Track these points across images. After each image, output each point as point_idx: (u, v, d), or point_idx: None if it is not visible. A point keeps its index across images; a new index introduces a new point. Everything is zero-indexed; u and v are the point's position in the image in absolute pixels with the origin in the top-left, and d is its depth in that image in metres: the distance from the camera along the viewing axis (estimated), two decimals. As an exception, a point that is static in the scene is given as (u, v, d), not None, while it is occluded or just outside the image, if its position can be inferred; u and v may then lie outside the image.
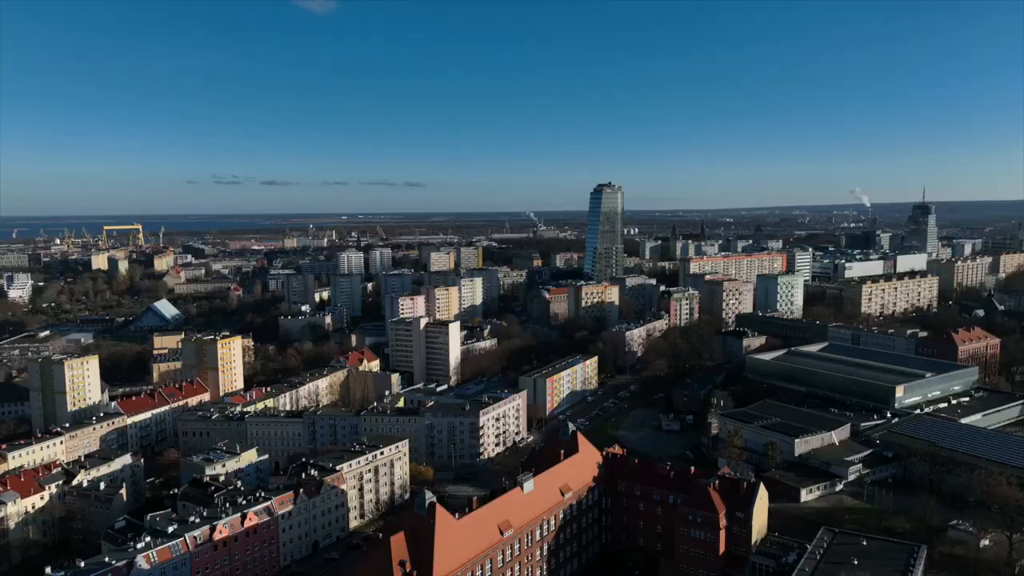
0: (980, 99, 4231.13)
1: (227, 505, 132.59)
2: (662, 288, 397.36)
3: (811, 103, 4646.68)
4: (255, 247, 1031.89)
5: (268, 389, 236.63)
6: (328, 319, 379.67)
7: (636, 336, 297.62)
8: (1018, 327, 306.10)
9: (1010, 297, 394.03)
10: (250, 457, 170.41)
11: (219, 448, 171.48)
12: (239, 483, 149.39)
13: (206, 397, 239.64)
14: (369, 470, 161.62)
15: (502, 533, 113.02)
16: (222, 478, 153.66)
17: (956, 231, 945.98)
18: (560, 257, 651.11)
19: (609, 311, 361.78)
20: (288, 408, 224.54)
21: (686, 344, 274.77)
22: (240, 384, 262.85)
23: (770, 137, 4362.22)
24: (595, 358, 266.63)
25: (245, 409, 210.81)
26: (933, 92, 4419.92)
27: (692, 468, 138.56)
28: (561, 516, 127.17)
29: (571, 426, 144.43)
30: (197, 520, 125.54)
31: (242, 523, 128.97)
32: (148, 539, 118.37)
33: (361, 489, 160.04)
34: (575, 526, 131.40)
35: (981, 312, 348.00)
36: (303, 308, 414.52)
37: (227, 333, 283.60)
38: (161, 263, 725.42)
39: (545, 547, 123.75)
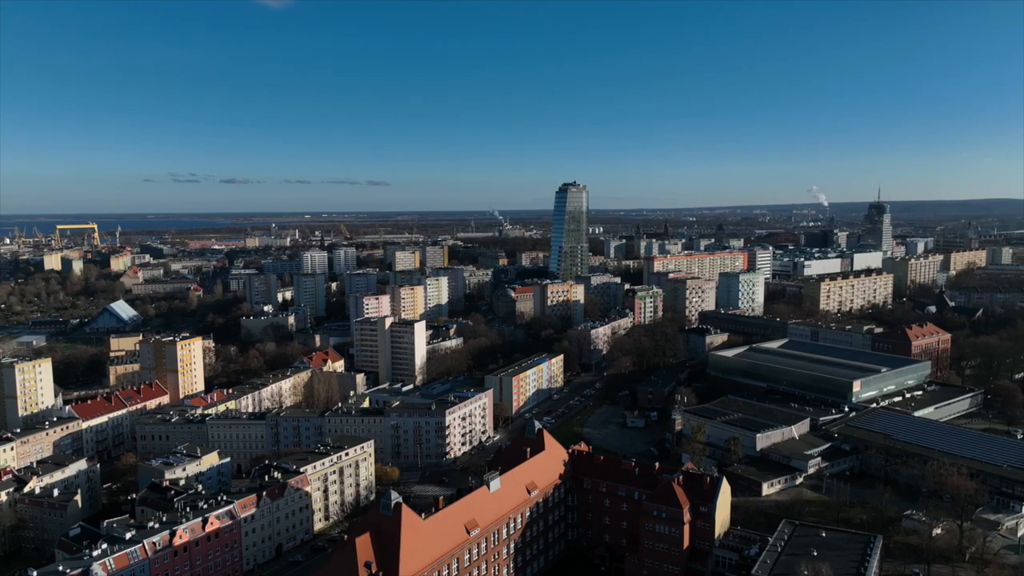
0: (932, 102, 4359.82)
1: (188, 509, 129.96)
2: (627, 286, 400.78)
3: (770, 104, 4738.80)
4: (215, 246, 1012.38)
5: (230, 391, 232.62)
6: (291, 319, 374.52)
7: (601, 334, 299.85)
8: (967, 323, 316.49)
9: (960, 294, 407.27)
10: (211, 460, 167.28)
11: (179, 451, 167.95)
12: (200, 487, 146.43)
13: (165, 400, 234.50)
14: (334, 471, 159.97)
15: (468, 532, 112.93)
16: (182, 482, 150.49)
17: (910, 230, 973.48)
18: (526, 256, 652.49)
19: (575, 310, 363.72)
20: (251, 410, 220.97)
21: (650, 342, 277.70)
22: (201, 386, 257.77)
23: (731, 137, 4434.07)
24: (561, 356, 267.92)
25: (206, 411, 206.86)
26: (888, 94, 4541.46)
27: (656, 464, 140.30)
28: (527, 514, 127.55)
29: (537, 424, 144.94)
30: (156, 525, 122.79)
31: (203, 527, 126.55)
32: (105, 546, 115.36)
33: (326, 491, 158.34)
34: (541, 523, 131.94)
35: (933, 308, 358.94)
36: (266, 308, 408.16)
37: (187, 334, 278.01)
38: (118, 263, 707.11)
39: (512, 545, 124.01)
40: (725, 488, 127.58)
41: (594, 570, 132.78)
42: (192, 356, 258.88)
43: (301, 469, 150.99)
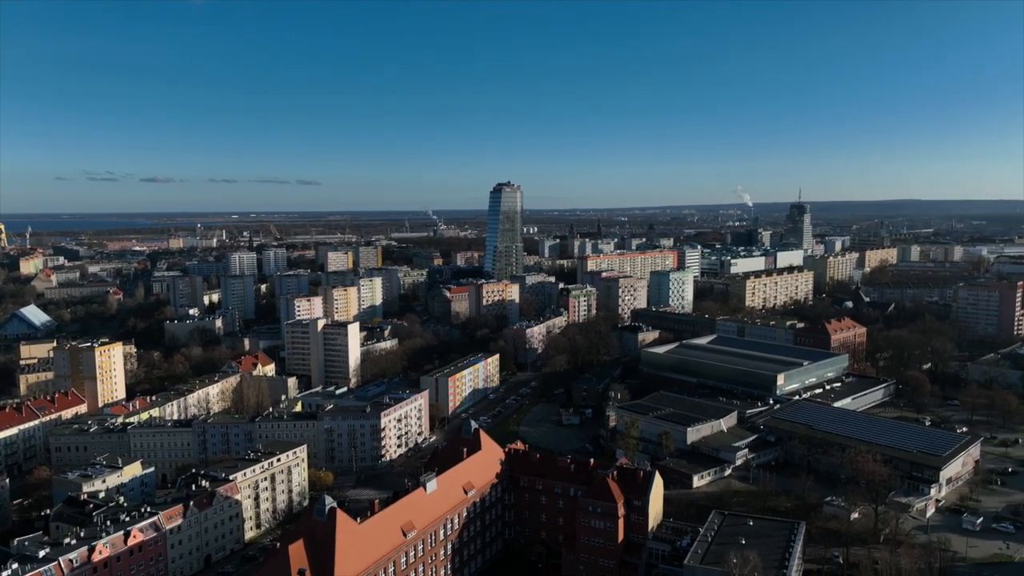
0: (846, 106, 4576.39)
1: (108, 523, 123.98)
2: (561, 286, 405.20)
3: (696, 107, 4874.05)
4: (137, 248, 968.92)
5: (153, 398, 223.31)
6: (219, 322, 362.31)
7: (536, 333, 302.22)
8: (881, 317, 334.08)
9: (874, 290, 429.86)
10: (134, 471, 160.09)
11: (98, 463, 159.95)
12: (122, 499, 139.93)
13: (83, 409, 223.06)
14: (265, 478, 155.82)
15: (405, 535, 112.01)
16: (102, 495, 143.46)
17: (828, 229, 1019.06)
18: (461, 256, 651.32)
19: (510, 309, 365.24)
20: (176, 417, 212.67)
21: (585, 340, 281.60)
22: (122, 394, 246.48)
23: (660, 139, 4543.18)
24: (496, 356, 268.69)
25: (128, 420, 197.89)
26: (806, 98, 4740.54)
27: (591, 460, 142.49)
28: (465, 514, 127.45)
29: (473, 424, 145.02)
30: (73, 541, 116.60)
31: (125, 541, 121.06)
32: (15, 566, 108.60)
33: (257, 498, 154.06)
34: (479, 523, 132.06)
35: (850, 304, 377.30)
36: (191, 311, 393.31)
37: (106, 340, 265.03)
38: (28, 265, 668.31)
39: (449, 546, 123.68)
40: (658, 482, 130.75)
41: (531, 567, 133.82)
42: (112, 362, 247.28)
43: (230, 477, 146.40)
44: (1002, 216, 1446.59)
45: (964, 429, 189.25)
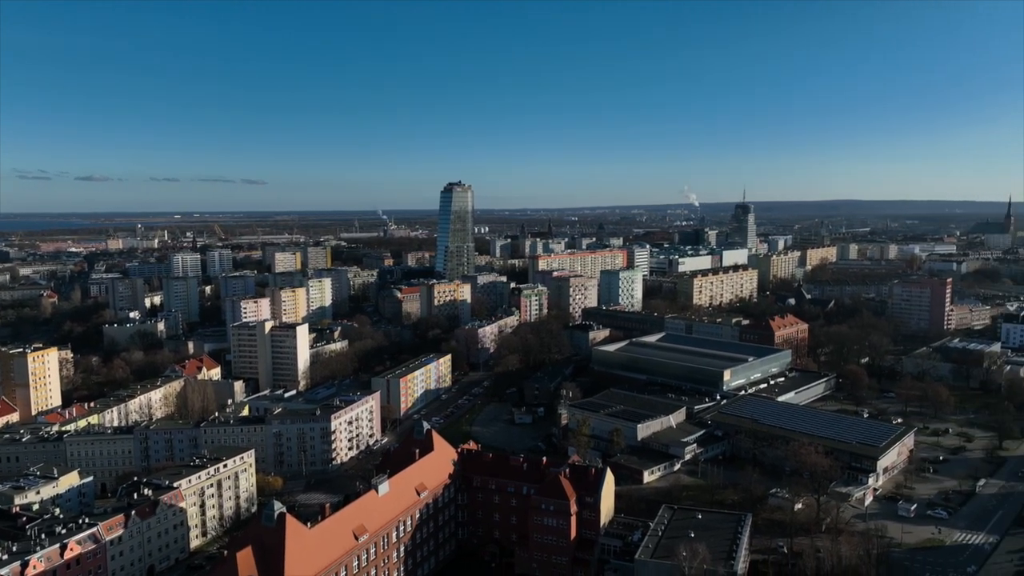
0: (788, 108, 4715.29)
1: (43, 536, 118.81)
2: (513, 285, 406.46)
3: (644, 106, 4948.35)
4: (72, 249, 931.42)
5: (92, 405, 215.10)
6: (161, 325, 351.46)
7: (488, 333, 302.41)
8: (821, 313, 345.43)
9: (815, 287, 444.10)
10: (71, 481, 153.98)
11: (32, 474, 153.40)
12: (58, 511, 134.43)
13: (15, 417, 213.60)
14: (211, 485, 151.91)
15: (357, 538, 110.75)
16: (36, 507, 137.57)
17: (771, 228, 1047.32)
18: (412, 256, 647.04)
19: (462, 309, 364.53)
20: (116, 424, 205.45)
21: (536, 339, 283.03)
22: (57, 401, 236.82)
23: (610, 139, 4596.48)
24: (448, 356, 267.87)
25: (64, 428, 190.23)
26: (749, 99, 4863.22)
27: (544, 459, 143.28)
28: (417, 516, 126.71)
29: (426, 425, 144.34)
30: (5, 557, 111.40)
31: (61, 555, 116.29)
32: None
33: (203, 505, 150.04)
34: (432, 524, 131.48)
35: (792, 301, 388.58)
36: (131, 315, 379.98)
37: (39, 344, 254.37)
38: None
39: (402, 548, 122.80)
40: (609, 478, 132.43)
41: (485, 567, 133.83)
42: (46, 368, 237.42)
43: (175, 484, 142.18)
44: (934, 216, 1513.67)
45: (899, 420, 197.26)
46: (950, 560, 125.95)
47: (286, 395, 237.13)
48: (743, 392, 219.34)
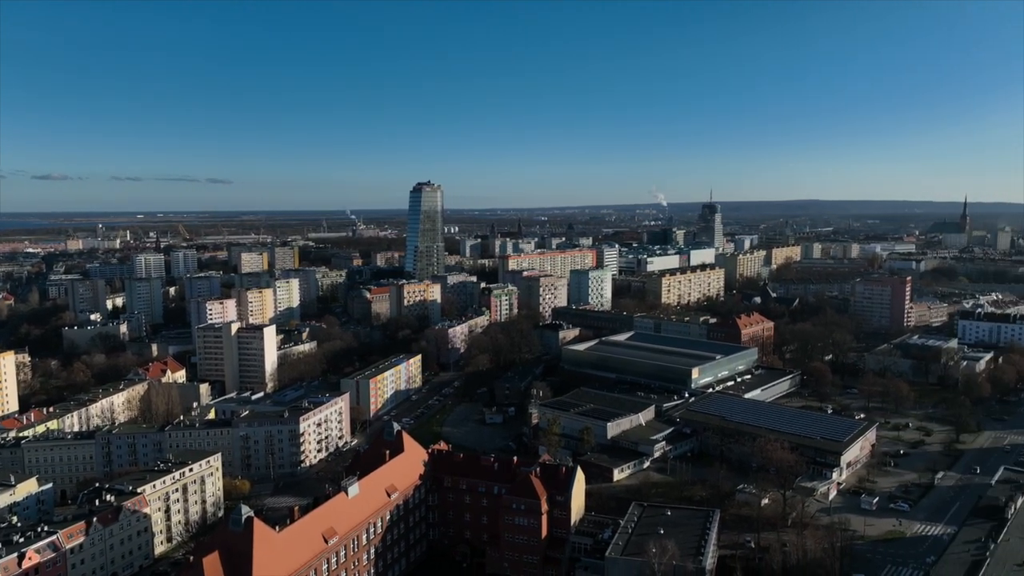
0: (754, 110, 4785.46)
1: (0, 546, 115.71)
2: (483, 285, 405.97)
3: (612, 105, 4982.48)
4: (30, 249, 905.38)
5: (51, 409, 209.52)
6: (124, 328, 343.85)
7: (459, 333, 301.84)
8: (787, 311, 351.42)
9: (780, 286, 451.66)
10: (29, 488, 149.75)
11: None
12: (15, 519, 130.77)
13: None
14: (176, 489, 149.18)
15: (327, 541, 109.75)
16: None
17: (738, 228, 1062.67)
18: (381, 256, 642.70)
19: (431, 309, 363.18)
20: (77, 429, 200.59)
21: (507, 339, 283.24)
22: (15, 406, 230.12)
23: (579, 139, 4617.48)
24: (419, 357, 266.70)
25: (21, 434, 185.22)
26: (715, 101, 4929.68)
27: (515, 458, 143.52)
28: (388, 517, 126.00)
29: (396, 426, 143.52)
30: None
31: (19, 564, 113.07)
32: None
33: (168, 511, 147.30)
34: (402, 526, 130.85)
35: (758, 299, 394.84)
36: (93, 317, 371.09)
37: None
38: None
39: (372, 550, 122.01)
40: (580, 477, 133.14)
41: (456, 567, 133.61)
42: (2, 373, 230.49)
43: (138, 490, 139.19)
44: (894, 216, 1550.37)
45: (862, 415, 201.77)
46: (910, 551, 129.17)
47: (253, 397, 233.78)
48: (711, 390, 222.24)
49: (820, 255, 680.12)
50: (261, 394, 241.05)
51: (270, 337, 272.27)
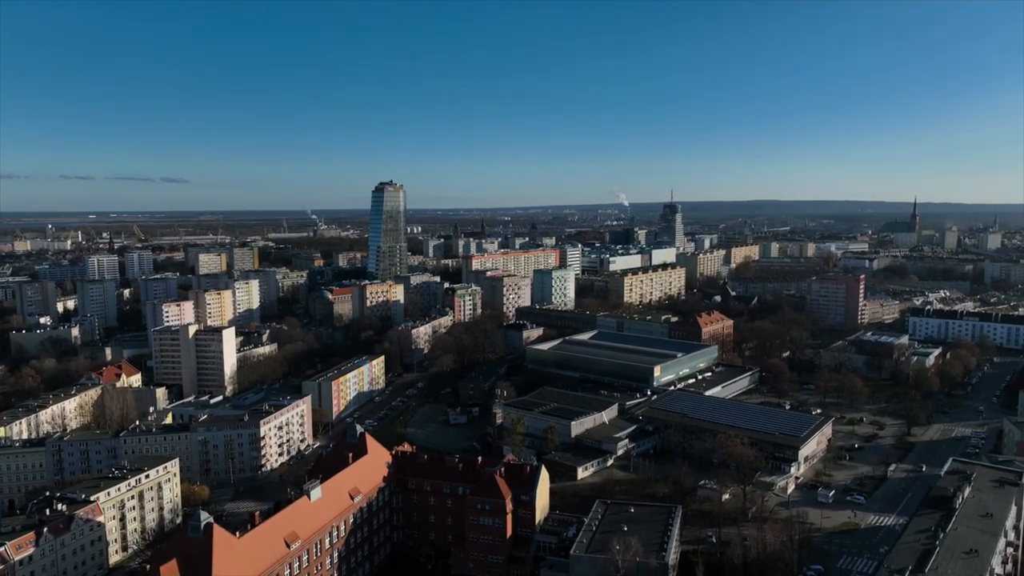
0: (715, 111, 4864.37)
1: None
2: (446, 285, 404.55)
3: (573, 109, 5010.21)
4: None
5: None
6: (75, 331, 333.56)
7: (422, 333, 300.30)
8: (745, 309, 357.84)
9: (739, 284, 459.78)
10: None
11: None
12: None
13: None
14: (132, 496, 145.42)
15: (289, 546, 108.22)
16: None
17: (698, 228, 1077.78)
18: (343, 256, 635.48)
19: (394, 310, 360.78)
20: (26, 436, 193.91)
21: (470, 339, 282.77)
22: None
23: (541, 140, 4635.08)
24: (382, 358, 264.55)
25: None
26: (675, 103, 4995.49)
27: (479, 458, 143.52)
28: (351, 520, 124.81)
29: (359, 428, 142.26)
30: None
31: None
32: None
33: (123, 519, 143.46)
34: (366, 528, 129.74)
35: (718, 298, 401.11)
36: (42, 320, 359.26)
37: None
38: None
39: (336, 554, 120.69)
40: (544, 476, 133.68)
41: (421, 569, 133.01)
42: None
43: (92, 498, 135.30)
44: (848, 215, 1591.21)
45: (818, 411, 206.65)
46: (865, 542, 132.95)
47: (212, 401, 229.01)
48: (673, 387, 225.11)
49: (778, 254, 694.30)
50: (220, 398, 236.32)
51: (229, 339, 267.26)
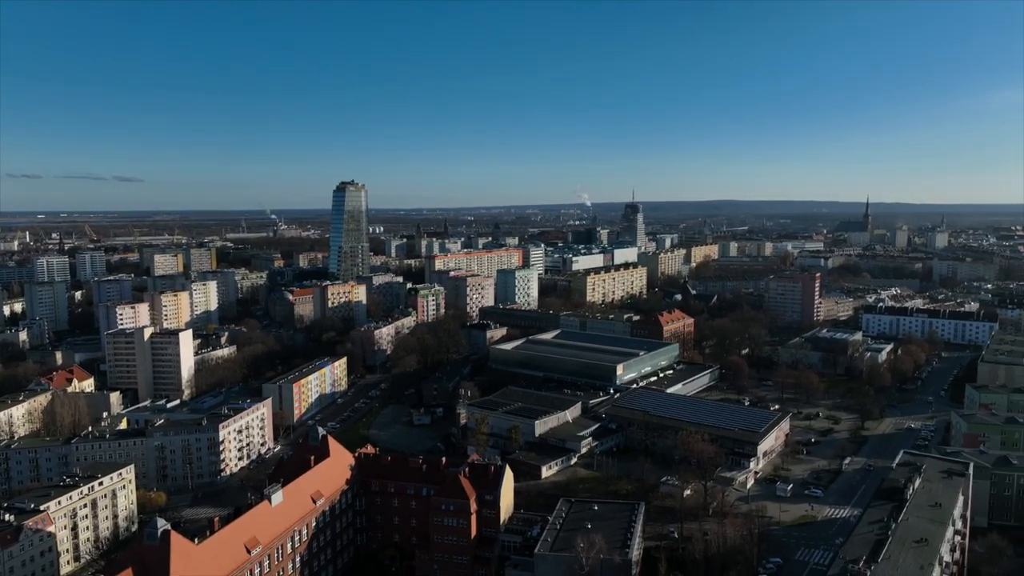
0: (675, 113, 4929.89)
1: None
2: (409, 285, 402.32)
3: (535, 109, 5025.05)
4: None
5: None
6: (23, 335, 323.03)
7: (385, 334, 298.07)
8: (705, 308, 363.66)
9: (699, 283, 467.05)
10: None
11: None
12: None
13: None
14: (85, 505, 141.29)
15: (249, 552, 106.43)
16: None
17: (659, 227, 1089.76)
18: (304, 257, 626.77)
19: (357, 310, 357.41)
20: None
21: (434, 339, 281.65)
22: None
23: (504, 139, 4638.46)
24: (344, 359, 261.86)
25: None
26: (638, 105, 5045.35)
27: (444, 459, 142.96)
28: (314, 524, 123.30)
29: (321, 430, 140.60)
30: None
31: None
32: None
33: (75, 528, 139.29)
34: (329, 532, 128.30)
35: (679, 297, 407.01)
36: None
37: None
38: None
39: (298, 558, 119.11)
40: (508, 475, 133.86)
41: (385, 571, 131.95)
42: None
43: (41, 507, 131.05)
44: (804, 215, 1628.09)
45: (776, 407, 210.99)
46: (822, 534, 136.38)
47: (169, 405, 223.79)
48: (635, 385, 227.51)
49: (736, 253, 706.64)
50: (177, 402, 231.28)
51: (186, 342, 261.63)
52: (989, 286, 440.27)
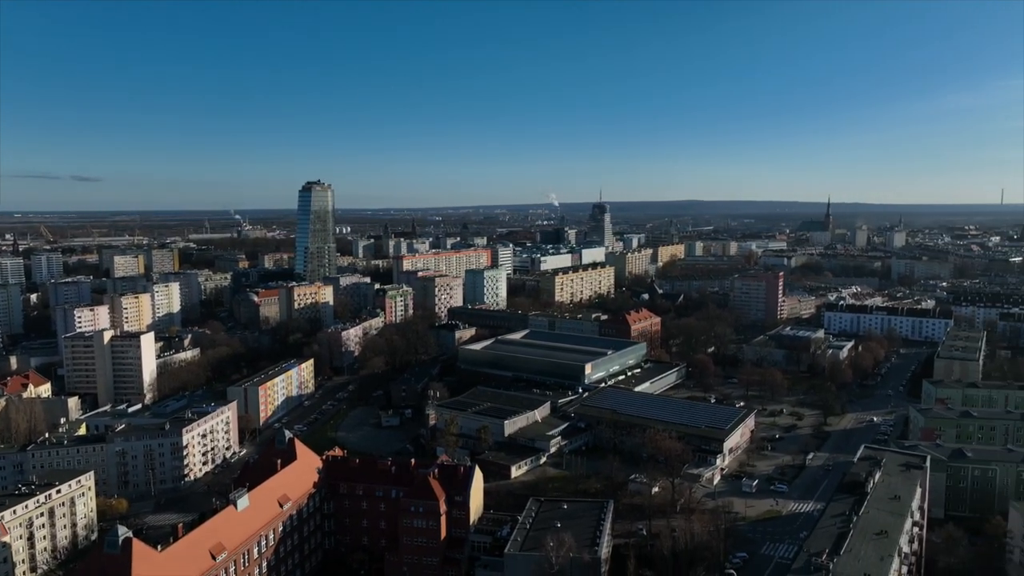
0: (641, 114, 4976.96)
1: None
2: (377, 286, 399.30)
3: (504, 109, 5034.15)
4: None
5: None
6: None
7: (353, 335, 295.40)
8: (672, 307, 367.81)
9: (666, 282, 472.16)
10: None
11: None
12: None
13: None
14: (41, 514, 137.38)
15: (214, 558, 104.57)
16: None
17: (626, 227, 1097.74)
18: (269, 258, 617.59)
19: (324, 311, 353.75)
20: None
21: (402, 340, 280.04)
22: None
23: (471, 140, 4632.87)
24: (311, 361, 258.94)
25: None
26: (605, 105, 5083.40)
27: (413, 460, 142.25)
28: (281, 528, 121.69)
29: (287, 433, 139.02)
30: None
31: None
32: None
33: (31, 538, 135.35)
34: (297, 536, 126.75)
35: (646, 296, 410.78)
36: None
37: None
38: None
39: (264, 564, 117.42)
40: (478, 476, 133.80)
41: (354, 574, 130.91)
42: None
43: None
44: (767, 215, 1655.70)
45: (741, 404, 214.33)
46: (786, 528, 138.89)
47: (130, 410, 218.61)
48: (603, 384, 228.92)
49: (702, 253, 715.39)
50: (139, 406, 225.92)
51: (148, 345, 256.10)
52: (944, 284, 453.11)
